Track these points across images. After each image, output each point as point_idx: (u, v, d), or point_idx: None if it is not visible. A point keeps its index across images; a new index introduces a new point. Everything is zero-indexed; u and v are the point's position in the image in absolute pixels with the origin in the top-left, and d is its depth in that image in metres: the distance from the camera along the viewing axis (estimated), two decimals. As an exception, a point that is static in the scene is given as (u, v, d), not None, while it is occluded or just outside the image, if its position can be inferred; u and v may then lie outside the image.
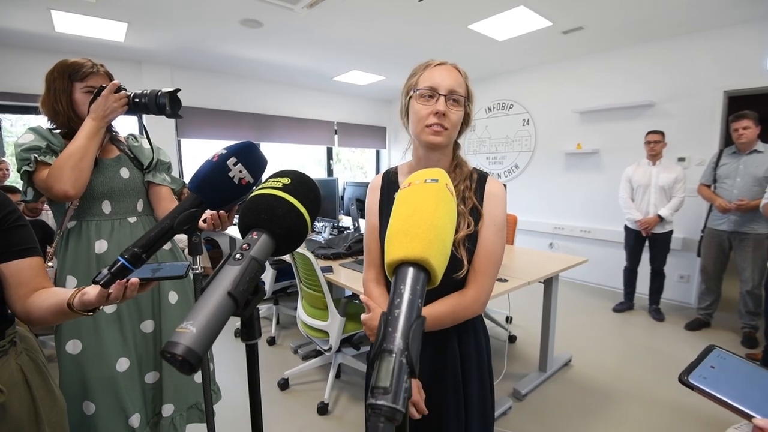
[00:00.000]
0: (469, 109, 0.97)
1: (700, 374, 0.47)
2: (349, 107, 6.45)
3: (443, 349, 1.00)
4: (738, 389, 0.44)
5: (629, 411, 2.20)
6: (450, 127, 0.92)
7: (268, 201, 0.58)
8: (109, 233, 1.29)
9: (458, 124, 0.94)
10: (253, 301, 0.54)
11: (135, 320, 1.34)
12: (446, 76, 0.92)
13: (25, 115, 4.19)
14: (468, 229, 0.92)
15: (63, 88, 1.23)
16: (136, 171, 1.38)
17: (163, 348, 0.42)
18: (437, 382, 0.99)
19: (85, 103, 1.24)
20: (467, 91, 0.95)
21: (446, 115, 0.91)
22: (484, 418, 1.06)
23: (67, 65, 1.24)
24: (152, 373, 1.38)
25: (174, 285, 1.42)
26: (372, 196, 1.07)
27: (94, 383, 1.23)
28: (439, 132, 0.91)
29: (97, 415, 1.23)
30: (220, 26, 3.49)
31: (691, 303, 3.73)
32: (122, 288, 0.74)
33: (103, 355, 1.25)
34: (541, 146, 4.91)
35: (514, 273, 2.15)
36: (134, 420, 1.28)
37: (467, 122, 0.98)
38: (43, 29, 3.41)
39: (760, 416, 0.41)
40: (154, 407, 1.39)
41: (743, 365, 0.47)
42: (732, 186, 2.99)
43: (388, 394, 0.36)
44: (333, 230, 3.37)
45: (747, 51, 3.37)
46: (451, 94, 0.91)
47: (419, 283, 0.47)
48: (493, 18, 3.33)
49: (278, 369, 2.54)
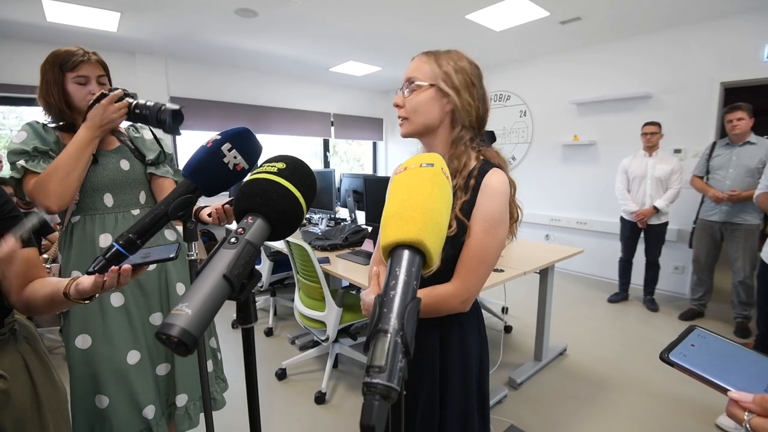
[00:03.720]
0: (444, 86, 0.90)
1: (680, 352, 0.48)
2: (345, 98, 6.41)
3: (422, 342, 0.94)
4: (716, 366, 0.45)
5: (623, 399, 2.23)
6: (407, 115, 0.93)
7: (263, 185, 0.57)
8: (112, 226, 1.28)
9: (418, 109, 0.92)
10: (248, 285, 0.54)
11: (144, 312, 1.33)
12: (408, 67, 0.94)
13: (18, 107, 4.14)
14: (449, 229, 0.83)
15: (54, 79, 1.20)
16: (137, 162, 1.36)
17: (158, 330, 0.43)
18: (412, 376, 0.94)
19: (76, 94, 1.21)
20: (438, 71, 0.90)
21: (401, 105, 0.93)
22: (465, 415, 1.00)
23: (58, 55, 1.20)
24: (164, 365, 1.37)
25: (181, 276, 1.40)
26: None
27: (106, 377, 1.23)
28: (401, 124, 0.95)
29: (110, 408, 1.23)
30: (215, 16, 3.44)
31: (685, 294, 3.77)
32: (116, 275, 0.75)
33: (113, 348, 1.24)
34: (538, 138, 4.91)
35: (510, 263, 2.16)
36: (148, 411, 1.28)
37: (461, 104, 0.91)
38: (34, 19, 3.35)
39: (735, 390, 0.42)
40: (168, 398, 1.39)
41: (722, 344, 0.48)
42: (724, 177, 3.01)
43: (383, 373, 0.37)
44: (330, 222, 3.36)
45: (744, 42, 3.37)
46: (407, 83, 0.92)
47: (414, 265, 0.47)
48: (490, 8, 3.31)
49: (276, 359, 2.55)
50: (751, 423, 0.40)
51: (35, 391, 0.85)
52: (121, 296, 1.28)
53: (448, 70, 0.91)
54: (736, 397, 0.42)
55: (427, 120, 0.93)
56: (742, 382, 0.43)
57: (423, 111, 0.92)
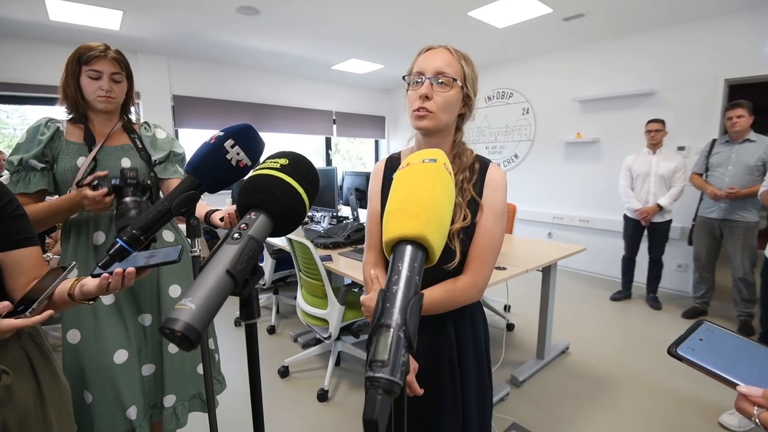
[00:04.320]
0: (469, 91, 0.93)
1: (688, 346, 0.48)
2: (347, 96, 6.40)
3: (439, 336, 1.00)
4: (724, 360, 0.45)
5: (626, 397, 2.22)
6: (435, 110, 0.88)
7: (266, 181, 0.58)
8: (107, 225, 1.28)
9: (447, 107, 0.90)
10: (251, 281, 0.54)
11: (133, 312, 1.33)
12: (433, 58, 0.89)
13: (22, 105, 4.16)
14: (464, 221, 0.90)
15: (72, 71, 1.22)
16: (141, 162, 1.34)
17: (162, 324, 0.43)
18: (433, 369, 0.99)
19: (86, 88, 1.23)
20: (463, 72, 0.91)
21: (430, 97, 0.87)
22: (482, 404, 1.06)
23: (81, 48, 1.22)
24: (148, 366, 1.36)
25: (177, 278, 1.39)
26: (375, 180, 1.06)
27: (92, 374, 1.23)
28: (423, 116, 0.89)
29: (94, 405, 1.23)
30: (217, 14, 3.44)
31: (688, 292, 3.75)
32: (120, 277, 0.76)
33: (101, 346, 1.24)
34: (541, 135, 4.89)
35: (513, 261, 2.15)
36: (131, 412, 1.27)
37: (470, 107, 0.95)
38: (37, 18, 3.36)
39: (744, 384, 0.42)
40: (151, 399, 1.38)
41: (730, 338, 0.48)
42: (723, 174, 3.00)
43: (386, 367, 0.37)
44: (332, 220, 3.37)
45: (748, 39, 3.34)
46: (437, 76, 0.88)
47: (417, 261, 0.47)
48: (493, 4, 3.29)
49: (278, 357, 2.56)
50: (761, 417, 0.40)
51: (39, 387, 0.86)
52: (112, 295, 1.27)
53: (469, 73, 0.92)
54: (746, 392, 0.41)
55: (450, 119, 0.93)
56: (751, 377, 0.43)
57: (451, 109, 0.91)
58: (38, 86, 3.80)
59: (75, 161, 1.23)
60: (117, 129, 1.33)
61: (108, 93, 1.24)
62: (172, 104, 4.67)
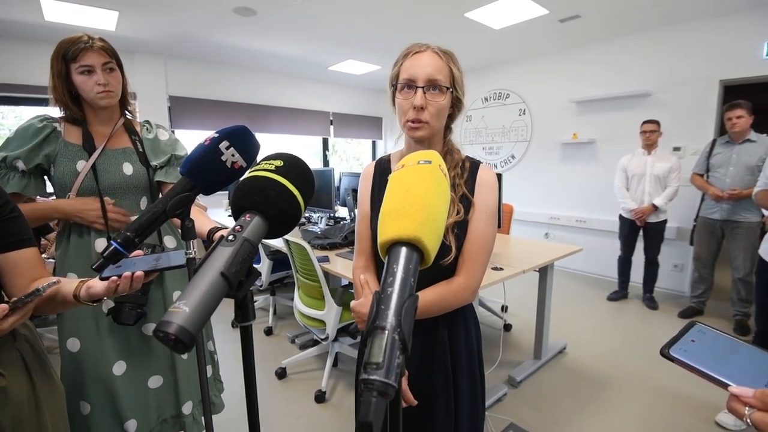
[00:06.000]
0: (459, 93, 0.93)
1: (680, 347, 0.48)
2: (344, 97, 6.41)
3: (432, 338, 1.00)
4: (716, 361, 0.45)
5: (622, 397, 2.23)
6: (430, 119, 0.89)
7: (261, 183, 0.57)
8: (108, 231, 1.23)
9: (440, 113, 0.90)
10: (246, 283, 0.54)
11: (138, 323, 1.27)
12: (425, 64, 0.87)
13: (17, 106, 4.13)
14: (457, 216, 0.92)
15: (59, 71, 1.14)
16: (141, 167, 1.28)
17: (156, 327, 0.42)
18: (427, 371, 0.99)
19: (83, 86, 1.15)
20: (451, 74, 0.90)
21: (425, 108, 0.87)
22: (474, 406, 1.06)
23: (62, 44, 1.14)
24: (155, 378, 1.31)
25: (179, 284, 1.35)
26: (364, 183, 1.06)
27: (90, 384, 1.19)
28: (418, 128, 0.89)
29: (91, 416, 1.20)
30: (214, 14, 3.44)
31: (684, 292, 3.77)
32: (129, 281, 0.77)
33: (100, 356, 1.20)
34: (538, 136, 4.90)
35: (510, 262, 2.15)
36: (130, 425, 1.23)
37: (458, 107, 0.96)
38: (32, 18, 3.34)
39: (735, 384, 0.42)
40: (162, 412, 1.33)
41: (722, 339, 0.48)
42: (725, 175, 3.01)
43: (380, 369, 0.36)
44: (329, 221, 3.36)
45: (743, 40, 3.37)
46: (430, 84, 0.87)
47: (412, 263, 0.47)
48: (489, 6, 3.31)
49: (276, 358, 2.55)
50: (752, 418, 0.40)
51: (33, 388, 0.85)
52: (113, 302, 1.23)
53: (458, 75, 0.93)
54: (737, 392, 0.41)
55: (442, 124, 0.95)
56: (742, 377, 0.43)
57: (444, 114, 0.92)
58: (34, 87, 3.78)
59: (74, 165, 1.17)
60: (118, 128, 1.27)
61: (106, 86, 1.16)
62: (168, 105, 4.66)
